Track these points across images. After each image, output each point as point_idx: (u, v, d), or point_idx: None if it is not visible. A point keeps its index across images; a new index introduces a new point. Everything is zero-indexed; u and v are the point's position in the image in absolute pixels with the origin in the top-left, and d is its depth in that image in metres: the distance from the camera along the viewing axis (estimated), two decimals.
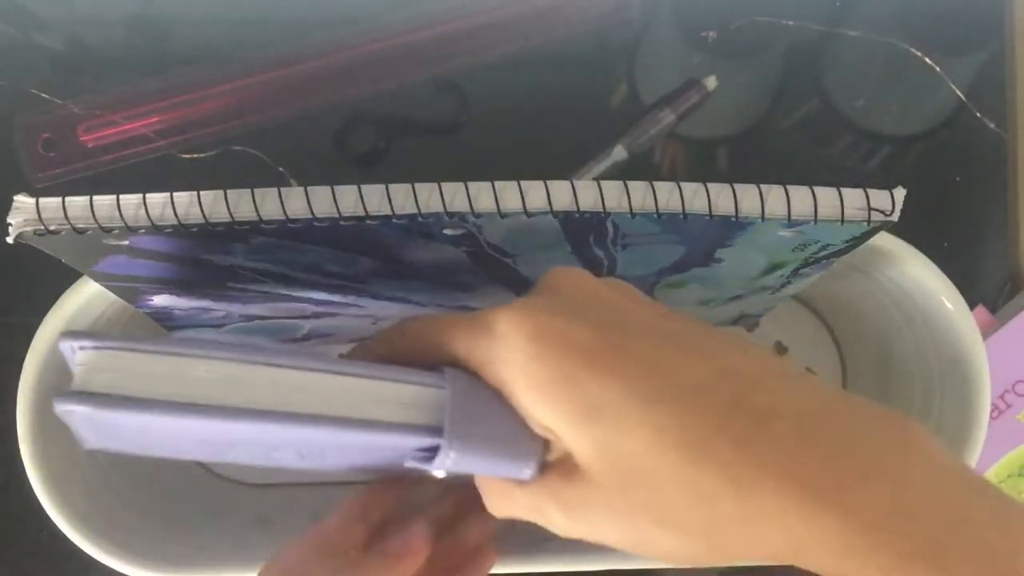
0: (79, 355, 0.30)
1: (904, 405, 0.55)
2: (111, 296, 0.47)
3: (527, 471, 0.32)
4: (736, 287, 0.49)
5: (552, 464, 0.32)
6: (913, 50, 0.65)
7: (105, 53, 0.66)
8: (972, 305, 0.60)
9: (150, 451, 0.34)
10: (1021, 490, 0.63)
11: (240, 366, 0.30)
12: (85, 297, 0.47)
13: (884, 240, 0.48)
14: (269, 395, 0.30)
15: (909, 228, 0.47)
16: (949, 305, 0.49)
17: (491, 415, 0.31)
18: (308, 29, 0.66)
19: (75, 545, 0.48)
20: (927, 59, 0.65)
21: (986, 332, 0.63)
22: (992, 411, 0.63)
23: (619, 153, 0.60)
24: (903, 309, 0.52)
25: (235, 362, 0.30)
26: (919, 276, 0.49)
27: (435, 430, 0.31)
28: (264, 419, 0.30)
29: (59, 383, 0.49)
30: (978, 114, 0.65)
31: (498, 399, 0.32)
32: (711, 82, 0.60)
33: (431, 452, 0.31)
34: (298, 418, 0.30)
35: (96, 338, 0.30)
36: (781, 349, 0.62)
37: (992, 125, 0.65)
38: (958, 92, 0.65)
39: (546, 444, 0.32)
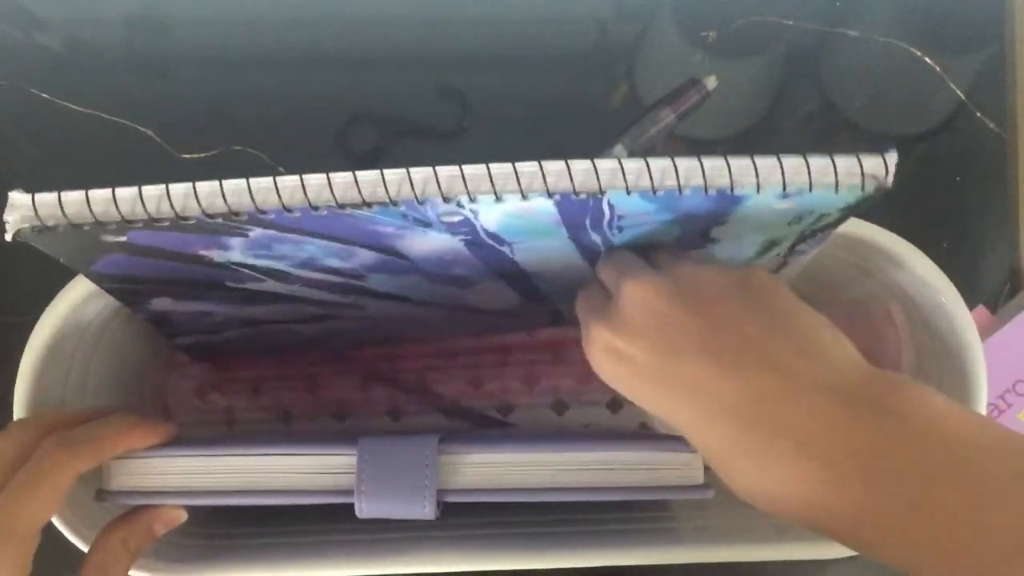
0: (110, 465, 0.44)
1: None
2: (106, 296, 0.46)
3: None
4: None
5: None
6: (913, 50, 0.66)
7: (105, 53, 0.66)
8: (972, 305, 0.60)
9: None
10: None
11: (204, 459, 0.43)
12: (80, 296, 0.47)
13: (883, 238, 0.48)
14: (227, 478, 0.43)
15: (909, 228, 0.47)
16: (947, 303, 0.48)
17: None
18: (307, 28, 0.66)
19: (74, 545, 0.48)
20: (927, 59, 0.65)
21: (986, 332, 0.63)
22: (992, 411, 0.63)
23: (619, 152, 0.60)
24: (902, 306, 0.52)
25: (200, 456, 0.43)
26: (918, 273, 0.48)
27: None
28: (220, 495, 0.43)
29: (55, 383, 0.49)
30: (978, 114, 0.65)
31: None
32: (711, 82, 0.59)
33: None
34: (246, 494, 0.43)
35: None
36: None
37: (992, 125, 0.65)
38: (958, 92, 0.66)
39: None
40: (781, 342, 0.36)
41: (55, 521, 0.47)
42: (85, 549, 0.46)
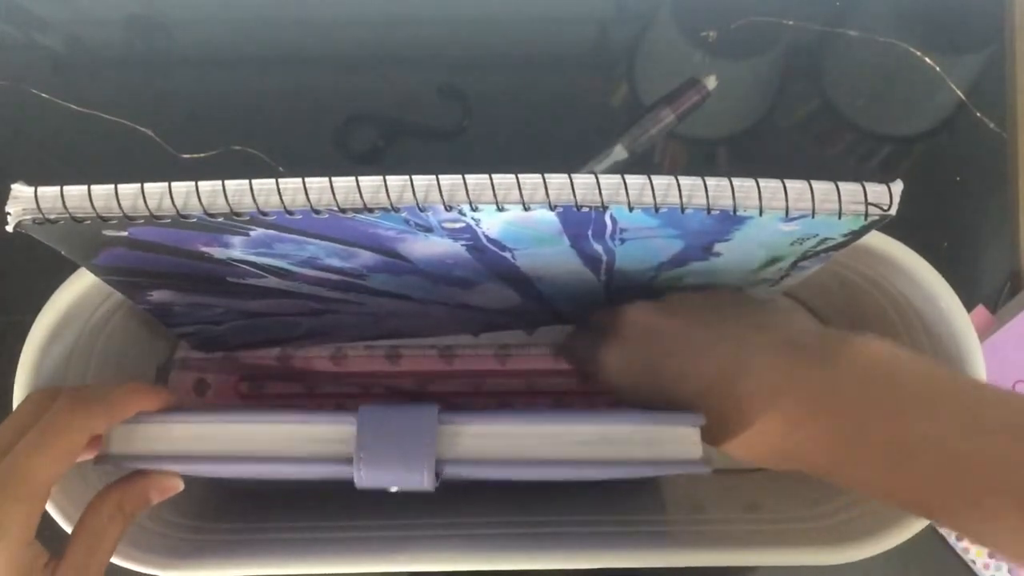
0: (112, 430, 0.43)
1: None
2: (107, 289, 0.46)
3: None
4: (735, 280, 0.49)
5: None
6: (913, 50, 0.66)
7: (105, 53, 0.66)
8: (972, 305, 0.60)
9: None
10: None
11: (206, 425, 0.42)
12: (81, 291, 0.47)
13: (882, 242, 0.48)
14: (227, 444, 0.42)
15: (909, 228, 0.47)
16: (945, 306, 0.48)
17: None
18: (309, 29, 0.66)
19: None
20: (927, 59, 0.66)
21: (986, 332, 0.63)
22: None
23: (619, 153, 0.60)
24: (900, 309, 0.52)
25: (202, 423, 0.42)
26: (916, 276, 0.48)
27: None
28: (220, 461, 0.42)
29: (55, 377, 0.49)
30: (978, 114, 0.65)
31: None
32: (711, 82, 0.60)
33: None
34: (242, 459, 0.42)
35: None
36: None
37: (992, 125, 0.65)
38: (958, 92, 0.66)
39: None
40: (742, 326, 0.44)
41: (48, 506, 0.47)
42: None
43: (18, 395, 0.47)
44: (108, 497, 0.43)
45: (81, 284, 0.47)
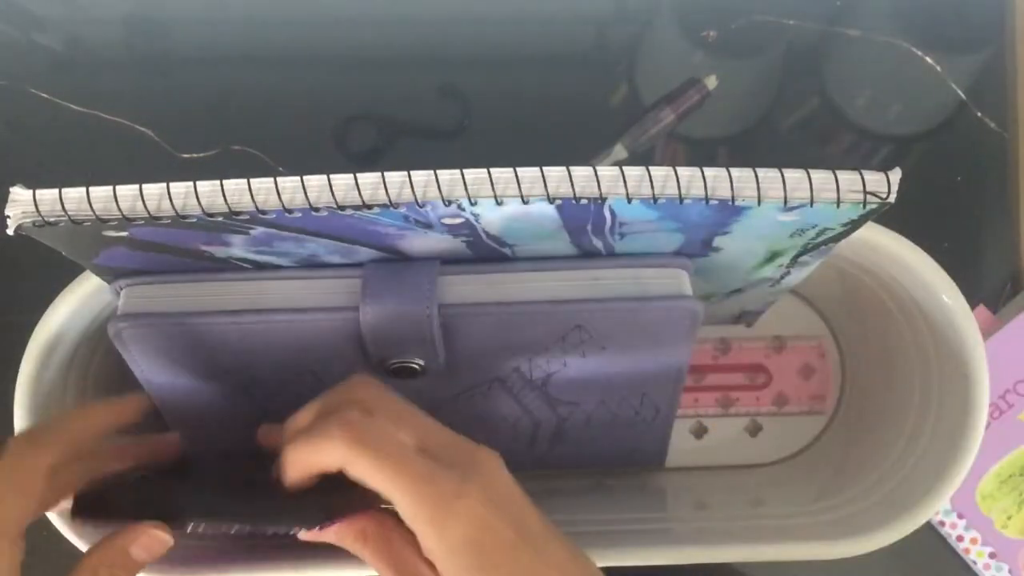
0: (123, 292, 0.44)
1: (902, 402, 0.55)
2: (107, 297, 0.46)
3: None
4: (736, 279, 0.49)
5: None
6: (913, 50, 0.66)
7: (105, 53, 0.66)
8: (973, 305, 0.60)
9: (193, 368, 0.46)
10: (1022, 490, 0.63)
11: (225, 284, 0.44)
12: (83, 295, 0.47)
13: (884, 236, 0.48)
14: (241, 298, 0.44)
15: (910, 228, 0.47)
16: (949, 302, 0.48)
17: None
18: (308, 29, 0.66)
19: (75, 546, 0.48)
20: (927, 59, 0.66)
21: (987, 332, 0.63)
22: (993, 411, 0.63)
23: (619, 152, 0.60)
24: (903, 305, 0.52)
25: (220, 281, 0.44)
26: (919, 272, 0.48)
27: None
28: (235, 315, 0.43)
29: (57, 381, 0.49)
30: (979, 114, 0.65)
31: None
32: (711, 82, 0.60)
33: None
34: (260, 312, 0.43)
35: (132, 276, 0.44)
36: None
37: (993, 125, 0.65)
38: (958, 92, 0.66)
39: None
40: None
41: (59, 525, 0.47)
42: (81, 546, 0.47)
43: (19, 402, 0.47)
44: (87, 563, 0.40)
45: (82, 291, 0.47)
